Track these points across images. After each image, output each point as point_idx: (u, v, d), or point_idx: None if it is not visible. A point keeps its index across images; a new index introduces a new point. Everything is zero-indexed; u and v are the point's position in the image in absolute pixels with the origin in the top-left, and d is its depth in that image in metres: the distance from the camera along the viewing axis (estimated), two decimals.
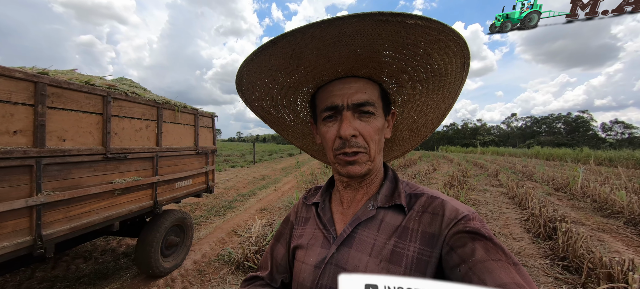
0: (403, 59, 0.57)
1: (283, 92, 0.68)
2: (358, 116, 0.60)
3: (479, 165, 17.12)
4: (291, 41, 0.50)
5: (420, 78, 0.62)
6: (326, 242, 0.65)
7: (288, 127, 0.83)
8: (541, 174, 11.04)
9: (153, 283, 3.15)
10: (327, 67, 0.58)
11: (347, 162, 0.61)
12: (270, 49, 0.52)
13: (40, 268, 3.38)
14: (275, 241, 0.81)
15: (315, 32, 0.48)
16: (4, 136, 1.68)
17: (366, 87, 0.62)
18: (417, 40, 0.51)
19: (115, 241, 4.34)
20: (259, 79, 0.62)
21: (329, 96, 0.62)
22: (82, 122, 2.18)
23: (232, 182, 9.59)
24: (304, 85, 0.65)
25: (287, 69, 0.59)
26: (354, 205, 0.67)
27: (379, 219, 0.62)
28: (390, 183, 0.68)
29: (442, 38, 0.51)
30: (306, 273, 0.64)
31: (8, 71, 1.67)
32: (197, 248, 4.12)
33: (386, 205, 0.63)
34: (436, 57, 0.55)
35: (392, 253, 0.56)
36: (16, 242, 1.76)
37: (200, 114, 3.80)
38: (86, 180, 2.22)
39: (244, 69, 0.58)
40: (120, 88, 2.62)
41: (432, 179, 10.86)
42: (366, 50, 0.53)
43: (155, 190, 2.99)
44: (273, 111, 0.75)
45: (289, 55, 0.54)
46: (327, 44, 0.51)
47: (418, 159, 19.78)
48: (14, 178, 1.74)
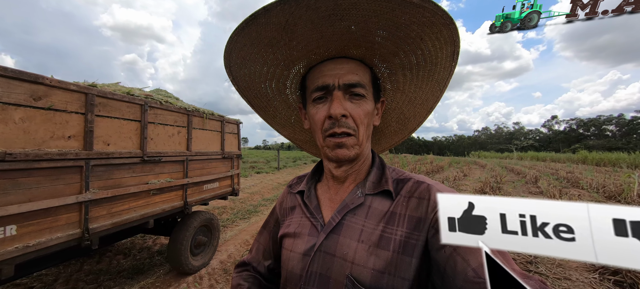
0: (395, 41, 0.57)
1: (273, 71, 0.66)
2: (349, 97, 0.60)
3: (515, 171, 15.91)
4: (285, 10, 0.49)
5: (411, 64, 0.62)
6: (314, 230, 0.65)
7: (275, 113, 0.80)
8: (589, 181, 9.97)
9: (183, 280, 3.34)
10: (320, 44, 0.58)
11: (336, 145, 0.60)
12: (263, 18, 0.51)
13: (88, 262, 3.75)
14: (262, 229, 0.85)
15: (311, 1, 0.47)
16: (60, 140, 1.93)
17: (358, 69, 0.62)
18: (410, 21, 0.51)
19: (150, 239, 4.68)
20: (249, 53, 0.60)
21: (319, 75, 0.62)
22: (124, 128, 2.43)
23: (257, 188, 9.90)
24: (294, 64, 0.64)
25: (279, 43, 0.57)
26: (342, 192, 0.67)
27: (367, 206, 0.62)
28: (378, 170, 0.67)
29: (435, 21, 0.51)
30: (295, 261, 0.64)
31: (65, 84, 1.93)
32: (223, 249, 4.30)
33: (374, 192, 0.63)
34: (428, 41, 0.55)
35: (381, 238, 0.56)
36: (68, 234, 2.00)
37: (226, 120, 4.02)
38: (126, 180, 2.46)
39: (234, 40, 0.56)
40: (156, 97, 2.89)
41: (462, 185, 10.30)
42: (360, 28, 0.53)
43: (185, 191, 3.20)
44: (261, 94, 0.73)
45: (281, 26, 0.53)
46: (321, 16, 0.50)
47: (446, 165, 18.87)
48: (67, 177, 1.99)
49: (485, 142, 78.00)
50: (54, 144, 1.89)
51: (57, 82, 1.87)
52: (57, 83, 1.87)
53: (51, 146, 1.87)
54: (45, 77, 1.80)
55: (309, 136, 0.86)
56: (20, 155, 1.68)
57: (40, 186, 1.81)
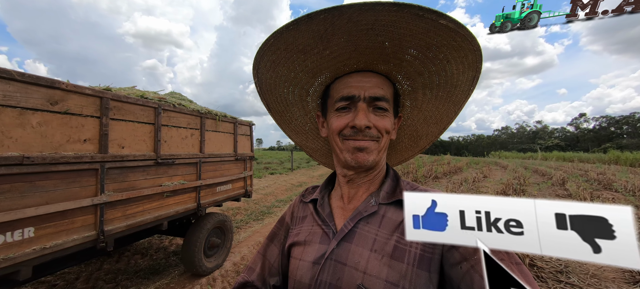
0: (424, 61, 0.58)
1: (299, 77, 0.67)
2: (372, 110, 0.61)
3: (540, 172, 15.08)
4: (327, 19, 0.50)
5: (433, 84, 0.64)
6: (325, 237, 0.63)
7: (291, 119, 0.80)
8: (623, 183, 9.25)
9: (197, 281, 3.36)
10: (352, 55, 0.59)
11: (356, 149, 0.60)
12: (304, 25, 0.51)
13: (107, 261, 3.86)
14: (268, 241, 0.78)
15: (353, 14, 0.48)
16: (76, 143, 1.96)
17: (383, 83, 0.63)
18: (441, 43, 0.53)
19: (167, 240, 4.78)
20: (280, 58, 0.61)
21: (345, 86, 0.62)
22: (138, 131, 2.46)
23: (270, 189, 9.94)
24: (322, 72, 0.65)
25: (312, 51, 0.58)
26: (355, 201, 0.66)
27: (380, 215, 0.61)
28: (392, 181, 0.68)
29: (464, 46, 0.53)
30: (304, 270, 0.62)
31: (80, 88, 1.96)
32: (236, 251, 4.31)
33: (388, 201, 0.63)
34: (453, 64, 0.58)
35: (395, 249, 0.55)
36: (84, 236, 2.03)
37: (238, 122, 4.03)
38: (140, 183, 2.48)
39: (269, 42, 0.57)
40: (170, 100, 2.91)
41: (482, 187, 9.85)
42: (393, 44, 0.55)
43: (198, 193, 3.22)
44: (282, 98, 0.74)
45: (319, 35, 0.54)
46: (360, 30, 0.52)
47: (465, 166, 18.20)
48: (83, 180, 2.02)
49: (505, 142, 74.83)
50: (70, 147, 1.93)
51: (72, 86, 1.90)
52: (72, 88, 1.90)
53: (67, 149, 1.91)
54: (61, 82, 1.84)
55: (320, 145, 0.87)
56: (37, 159, 1.71)
57: (56, 188, 1.85)
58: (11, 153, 1.60)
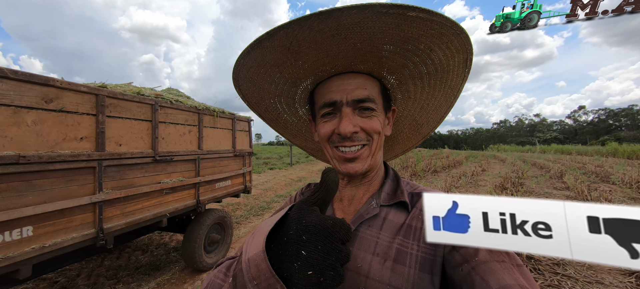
0: (404, 54, 0.55)
1: (281, 88, 0.66)
2: (358, 112, 0.59)
3: (538, 165, 15.14)
4: (288, 33, 0.48)
5: (421, 74, 0.61)
6: None
7: (286, 125, 0.80)
8: (621, 175, 9.31)
9: (197, 277, 3.38)
10: (326, 62, 0.57)
11: (346, 160, 0.59)
12: (267, 42, 0.50)
13: (108, 258, 3.88)
14: None
15: (313, 24, 0.46)
16: (73, 142, 1.95)
17: (366, 83, 0.60)
18: (418, 34, 0.50)
19: (167, 236, 4.80)
20: (256, 74, 0.60)
21: (327, 91, 0.61)
22: (135, 128, 2.44)
23: (270, 184, 9.96)
24: (302, 81, 0.63)
25: (285, 64, 0.57)
26: (355, 203, 0.65)
27: (381, 217, 0.60)
28: (392, 182, 0.67)
29: (444, 32, 0.49)
30: None
31: (75, 86, 1.94)
32: (236, 246, 4.33)
33: (389, 203, 0.62)
34: (438, 52, 0.54)
35: (398, 253, 0.54)
36: (83, 234, 2.03)
37: (237, 118, 4.01)
38: (138, 180, 2.48)
39: (241, 62, 0.57)
40: (167, 97, 2.89)
41: (481, 181, 9.90)
42: (366, 44, 0.52)
43: (197, 190, 3.22)
44: (271, 108, 0.73)
45: (286, 48, 0.52)
46: (325, 37, 0.50)
47: (464, 160, 18.26)
48: (81, 178, 2.01)
49: (504, 135, 74.97)
50: (67, 145, 1.91)
51: (67, 84, 1.88)
52: (67, 85, 1.88)
53: (64, 147, 1.89)
54: (55, 80, 1.81)
55: (319, 145, 0.83)
56: (33, 157, 1.70)
57: (54, 187, 1.84)
58: (7, 152, 1.59)
